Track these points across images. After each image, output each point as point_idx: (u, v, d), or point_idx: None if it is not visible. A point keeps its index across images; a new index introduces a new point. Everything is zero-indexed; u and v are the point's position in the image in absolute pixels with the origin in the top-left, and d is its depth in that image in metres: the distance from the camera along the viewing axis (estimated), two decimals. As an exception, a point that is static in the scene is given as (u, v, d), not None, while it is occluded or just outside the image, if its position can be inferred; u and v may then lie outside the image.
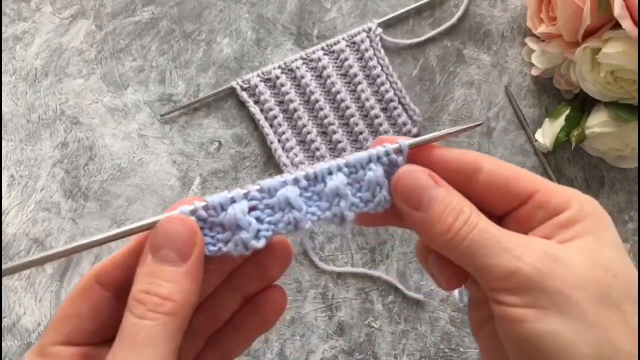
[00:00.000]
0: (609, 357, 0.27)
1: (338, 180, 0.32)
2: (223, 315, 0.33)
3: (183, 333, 0.27)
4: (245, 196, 0.30)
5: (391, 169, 0.32)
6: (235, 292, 0.33)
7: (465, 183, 0.31)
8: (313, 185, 0.32)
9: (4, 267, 0.28)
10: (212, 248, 0.30)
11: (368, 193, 0.32)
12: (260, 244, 0.30)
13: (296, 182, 0.31)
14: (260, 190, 0.31)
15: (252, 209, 0.30)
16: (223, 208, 0.30)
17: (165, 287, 0.27)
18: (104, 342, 0.30)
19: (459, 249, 0.29)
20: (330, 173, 0.32)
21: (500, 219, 0.32)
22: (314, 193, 0.32)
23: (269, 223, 0.31)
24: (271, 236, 0.31)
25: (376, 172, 0.32)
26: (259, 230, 0.30)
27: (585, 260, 0.28)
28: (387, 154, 0.32)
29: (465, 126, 0.34)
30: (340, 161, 0.32)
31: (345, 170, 0.32)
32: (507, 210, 0.31)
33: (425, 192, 0.30)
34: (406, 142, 0.32)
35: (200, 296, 0.30)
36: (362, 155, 0.32)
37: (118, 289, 0.29)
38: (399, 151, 0.32)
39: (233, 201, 0.30)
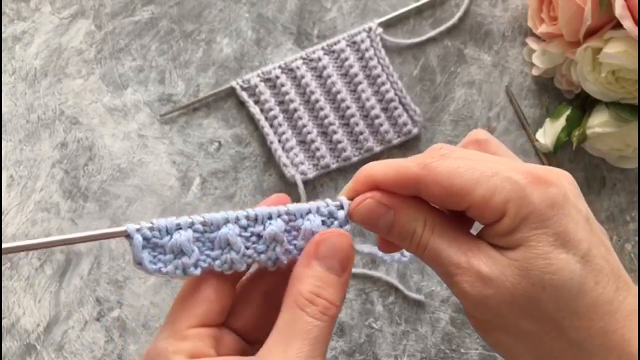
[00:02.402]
0: (547, 356, 0.30)
1: (276, 226, 0.33)
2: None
3: None
4: (191, 225, 0.33)
5: (330, 221, 0.35)
6: None
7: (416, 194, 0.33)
8: (252, 226, 0.34)
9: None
10: (152, 266, 0.32)
11: (303, 241, 0.34)
12: (197, 272, 0.33)
13: (237, 220, 0.33)
14: (203, 224, 0.33)
15: (195, 239, 0.33)
16: (168, 232, 0.32)
17: (331, 293, 0.31)
18: (221, 325, 0.33)
19: (425, 262, 0.33)
20: (270, 217, 0.34)
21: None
22: (253, 234, 0.34)
23: (207, 256, 0.33)
24: (206, 268, 0.33)
25: (313, 221, 0.34)
26: (198, 260, 0.33)
27: (514, 275, 0.29)
28: (327, 205, 0.35)
29: None
30: (281, 208, 0.34)
31: (285, 217, 0.34)
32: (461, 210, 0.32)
33: (378, 221, 0.33)
34: (347, 200, 0.35)
35: None
36: (303, 205, 0.35)
37: (235, 273, 0.33)
38: (341, 207, 0.35)
39: (179, 227, 0.32)
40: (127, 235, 0.32)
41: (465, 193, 0.30)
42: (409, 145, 0.66)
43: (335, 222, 0.35)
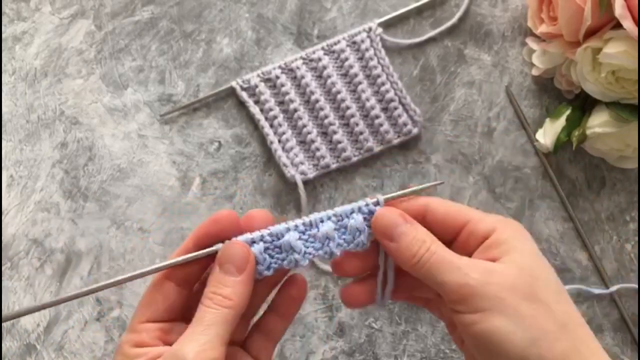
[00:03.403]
0: (539, 337, 0.36)
1: (327, 227, 0.42)
2: (257, 302, 0.44)
3: (236, 323, 0.38)
4: (261, 238, 0.41)
5: (370, 217, 0.42)
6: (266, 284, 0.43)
7: (423, 221, 0.41)
8: (309, 229, 0.42)
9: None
10: None
11: (350, 236, 0.42)
12: (270, 272, 0.41)
13: (296, 227, 0.42)
14: (270, 235, 0.41)
15: (265, 248, 0.41)
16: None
17: (226, 290, 0.38)
18: (174, 320, 0.40)
19: (423, 269, 0.38)
20: (322, 221, 0.42)
21: (450, 245, 0.41)
22: (310, 236, 0.42)
23: (277, 259, 0.41)
24: (278, 268, 0.42)
25: (356, 220, 0.42)
26: (270, 264, 0.41)
27: (513, 270, 0.37)
28: (367, 204, 0.42)
29: (429, 184, 0.44)
30: (330, 212, 0.42)
31: (333, 218, 0.42)
32: (451, 238, 0.41)
33: (396, 227, 0.40)
34: (382, 197, 0.42)
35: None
36: (347, 207, 0.42)
37: (180, 281, 0.40)
38: (378, 203, 0.42)
39: (253, 241, 0.41)
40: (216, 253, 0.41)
41: (464, 210, 0.41)
42: (408, 145, 0.66)
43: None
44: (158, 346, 0.38)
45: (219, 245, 0.40)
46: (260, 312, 0.45)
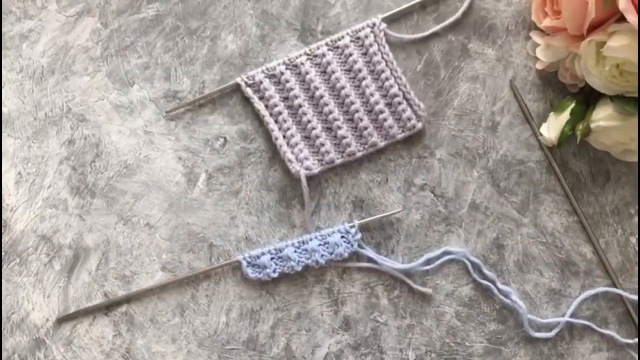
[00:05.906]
0: None
1: (314, 243, 0.61)
2: None
3: None
4: (269, 252, 0.62)
5: (347, 235, 0.62)
6: None
7: None
8: (302, 245, 0.62)
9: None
10: (253, 275, 0.62)
11: (330, 249, 0.62)
12: (275, 275, 0.62)
13: (292, 244, 0.62)
14: (275, 249, 0.62)
15: (271, 258, 0.62)
16: (257, 257, 0.62)
17: None
18: None
19: None
20: (310, 239, 0.62)
21: None
22: (302, 250, 0.61)
23: (280, 265, 0.62)
24: (280, 272, 0.62)
25: (335, 237, 0.62)
26: (275, 268, 0.62)
27: None
28: (344, 227, 0.62)
29: (389, 213, 0.63)
30: (317, 233, 0.62)
31: (319, 237, 0.62)
32: None
33: None
34: (357, 221, 0.63)
35: None
36: (329, 229, 0.62)
37: None
38: (353, 226, 0.62)
39: (263, 254, 0.62)
40: (239, 262, 0.62)
41: None
42: (413, 140, 0.66)
43: (350, 236, 0.62)
44: None
45: (240, 257, 0.61)
46: None
